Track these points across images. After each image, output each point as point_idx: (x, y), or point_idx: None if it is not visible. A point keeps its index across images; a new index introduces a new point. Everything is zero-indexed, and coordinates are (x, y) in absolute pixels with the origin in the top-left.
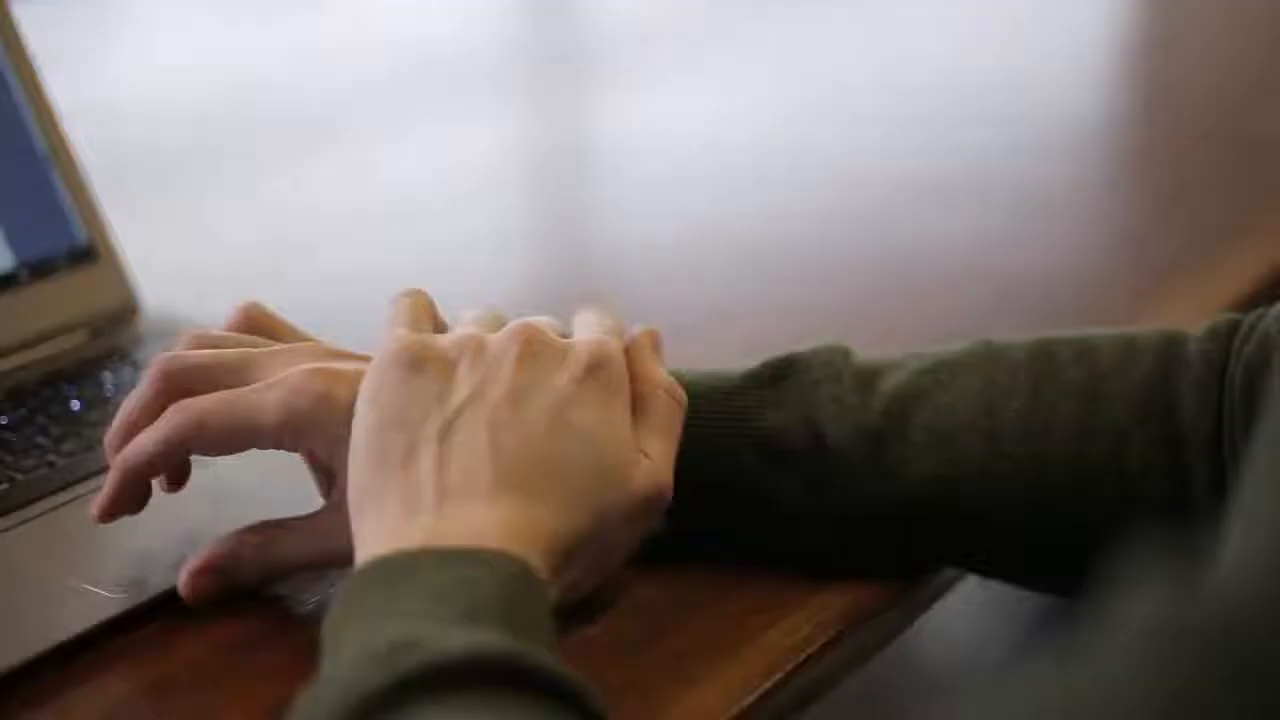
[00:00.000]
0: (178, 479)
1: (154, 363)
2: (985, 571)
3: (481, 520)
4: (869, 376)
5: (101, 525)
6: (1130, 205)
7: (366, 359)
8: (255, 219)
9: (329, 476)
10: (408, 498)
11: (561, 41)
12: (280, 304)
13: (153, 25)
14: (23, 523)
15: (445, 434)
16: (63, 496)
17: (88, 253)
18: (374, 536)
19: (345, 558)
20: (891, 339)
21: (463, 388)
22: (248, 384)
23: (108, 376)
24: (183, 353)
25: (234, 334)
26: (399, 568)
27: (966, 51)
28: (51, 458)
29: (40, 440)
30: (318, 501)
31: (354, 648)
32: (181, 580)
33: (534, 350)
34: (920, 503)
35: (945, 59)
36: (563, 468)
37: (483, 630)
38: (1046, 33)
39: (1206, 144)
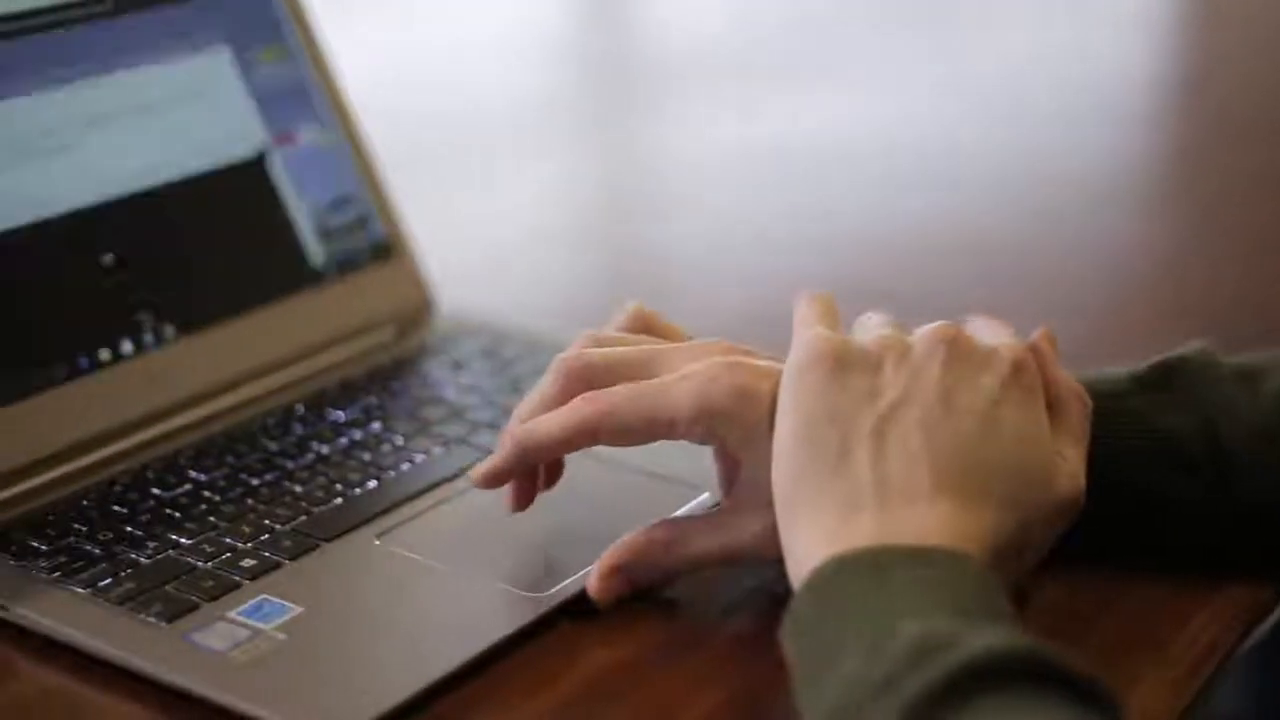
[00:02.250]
0: (554, 475)
1: (556, 361)
2: None
3: (927, 520)
4: (1250, 377)
5: (488, 523)
6: None
7: (773, 358)
8: (493, 214)
9: (733, 471)
10: (846, 497)
11: (738, 42)
12: (548, 298)
13: None
14: (404, 522)
15: (880, 433)
16: (433, 496)
17: (387, 249)
18: (812, 535)
19: (750, 553)
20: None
21: (892, 387)
22: (652, 378)
23: (432, 372)
24: (586, 350)
25: (630, 334)
26: (869, 566)
27: (1120, 52)
28: (409, 455)
29: (390, 438)
30: (691, 503)
31: (868, 647)
32: (592, 582)
33: (960, 352)
34: None
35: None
36: (995, 469)
37: (991, 628)
38: (1217, 31)
39: None
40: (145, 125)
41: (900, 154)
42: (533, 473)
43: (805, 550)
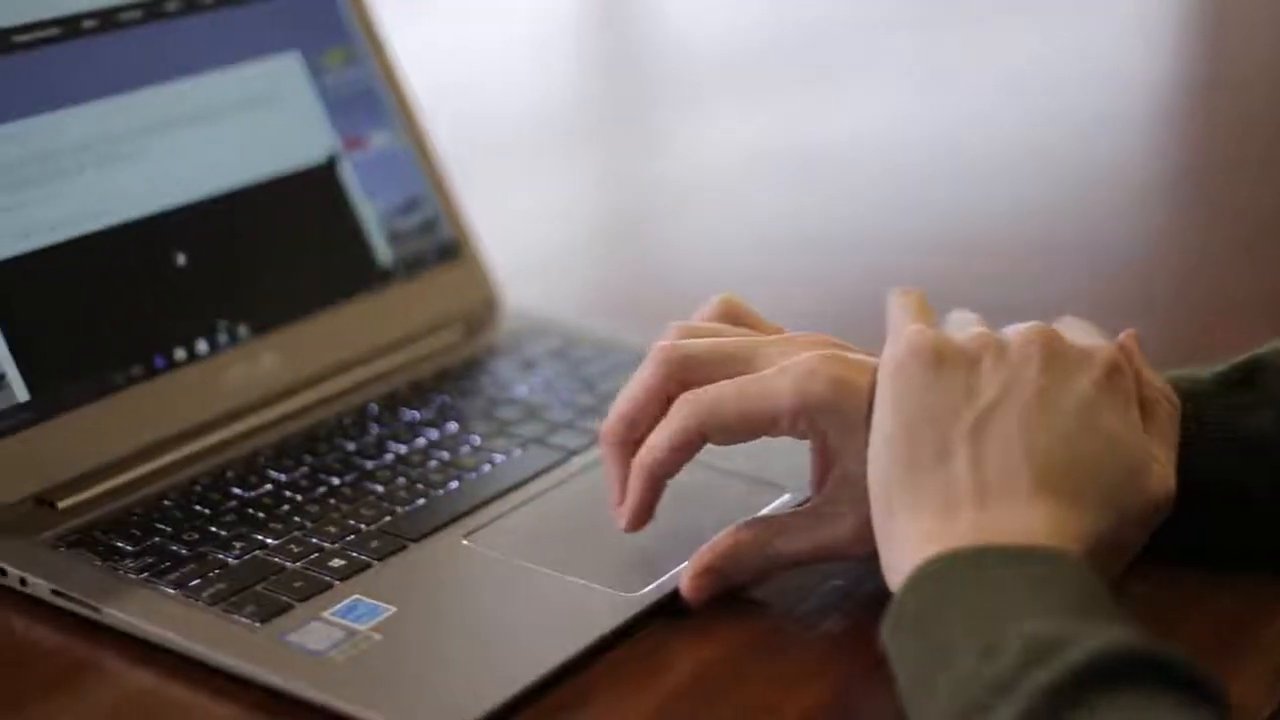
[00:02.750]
0: None
1: (654, 351)
2: None
3: (1026, 520)
4: None
5: (575, 522)
6: None
7: (868, 352)
8: (526, 214)
9: (827, 468)
10: (945, 495)
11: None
12: (591, 297)
13: None
14: (490, 523)
15: (978, 432)
16: (516, 497)
17: (454, 249)
18: (910, 533)
19: (842, 551)
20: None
21: (990, 386)
22: (753, 371)
23: (503, 372)
24: (683, 341)
25: (721, 325)
26: (973, 564)
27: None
28: (488, 456)
29: (468, 439)
30: (775, 502)
31: (982, 647)
32: (684, 582)
33: (1055, 352)
34: None
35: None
36: (1092, 470)
37: (1107, 627)
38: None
39: None
40: (219, 130)
41: (924, 153)
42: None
43: (903, 548)
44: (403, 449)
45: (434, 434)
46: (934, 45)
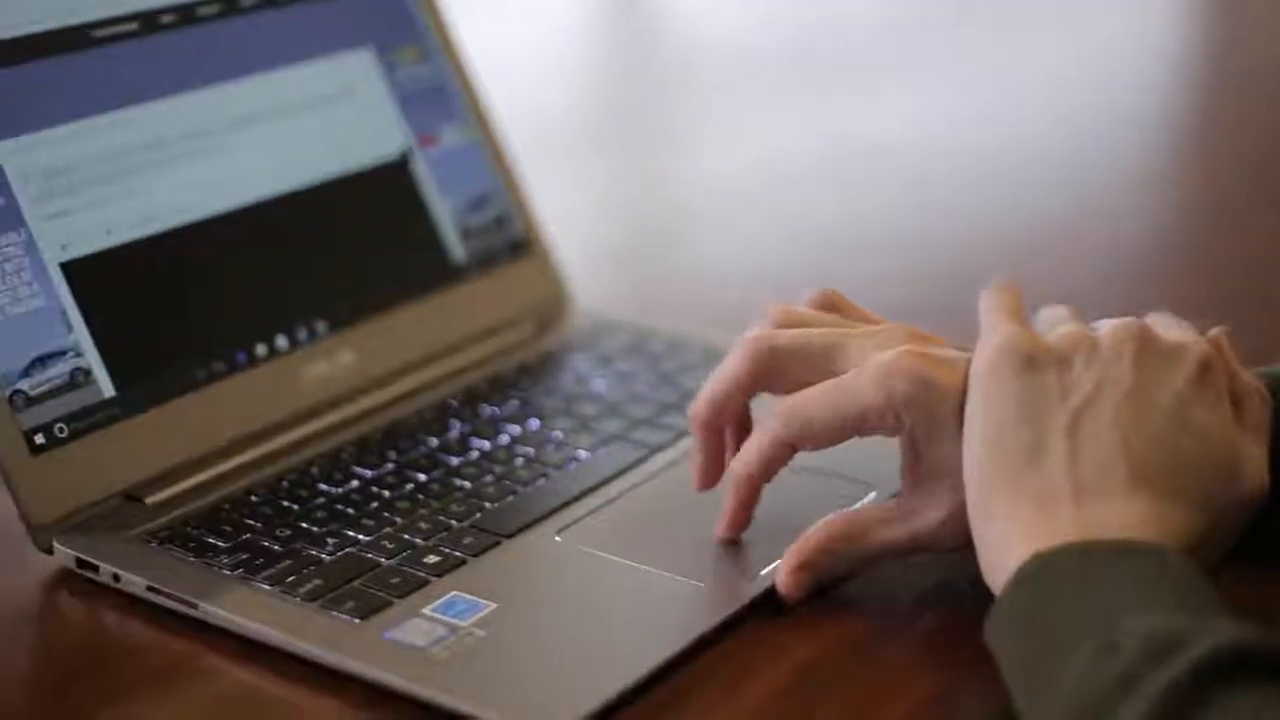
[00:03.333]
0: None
1: (744, 342)
2: None
3: (1124, 516)
4: None
5: (666, 519)
6: None
7: (960, 346)
8: (602, 212)
9: (915, 457)
10: (1041, 494)
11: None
12: (660, 296)
13: None
14: (581, 519)
15: (1072, 430)
16: (604, 493)
17: (525, 245)
18: (1009, 530)
19: (932, 542)
20: None
21: (1083, 384)
22: (837, 366)
23: (579, 368)
24: (773, 332)
25: (818, 313)
26: (1078, 560)
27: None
28: (573, 452)
29: (550, 435)
30: (862, 500)
31: (1096, 645)
32: (781, 578)
33: (1149, 349)
34: None
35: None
36: (1187, 466)
37: (1220, 622)
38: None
39: None
40: (294, 126)
41: (945, 154)
42: (722, 449)
43: (1003, 548)
44: (486, 445)
45: (516, 430)
46: (966, 44)
